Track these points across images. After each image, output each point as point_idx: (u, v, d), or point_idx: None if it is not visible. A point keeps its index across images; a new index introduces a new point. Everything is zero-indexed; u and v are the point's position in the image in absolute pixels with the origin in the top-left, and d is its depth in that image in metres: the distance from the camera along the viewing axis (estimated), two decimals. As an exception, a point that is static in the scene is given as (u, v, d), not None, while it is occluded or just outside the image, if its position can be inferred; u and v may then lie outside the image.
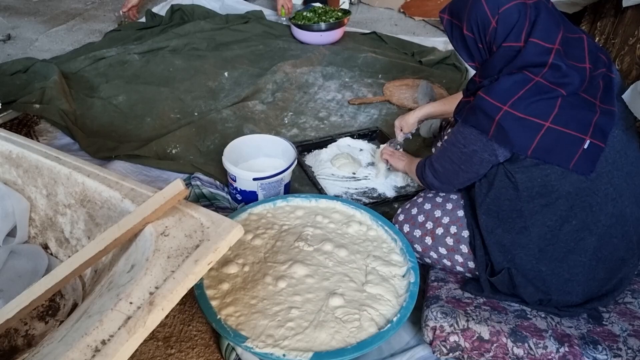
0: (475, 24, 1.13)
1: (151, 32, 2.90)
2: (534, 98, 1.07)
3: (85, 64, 2.48)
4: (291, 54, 2.69)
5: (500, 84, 1.10)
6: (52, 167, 1.24)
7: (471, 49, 1.18)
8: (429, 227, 1.35)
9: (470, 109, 1.16)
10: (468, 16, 1.13)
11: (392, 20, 3.33)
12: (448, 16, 1.20)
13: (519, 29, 1.09)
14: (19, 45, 2.84)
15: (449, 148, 1.25)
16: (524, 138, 1.09)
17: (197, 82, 2.38)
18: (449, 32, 1.22)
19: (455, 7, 1.18)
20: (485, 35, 1.13)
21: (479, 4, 1.12)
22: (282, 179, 1.62)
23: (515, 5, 1.09)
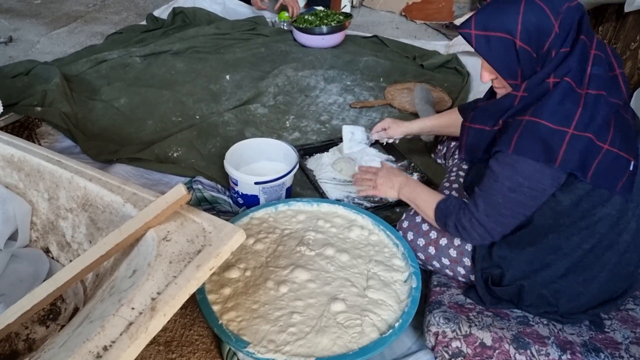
0: (535, 31, 0.99)
1: (153, 35, 2.90)
2: (591, 115, 0.99)
3: (86, 66, 2.48)
4: (293, 57, 2.70)
5: (552, 103, 1.00)
6: (54, 171, 1.24)
7: (522, 63, 1.03)
8: (432, 237, 1.34)
9: (525, 138, 1.01)
10: (523, 25, 0.99)
11: (394, 23, 3.33)
12: (481, 31, 1.02)
13: (574, 30, 1.01)
14: (21, 48, 2.85)
15: (505, 194, 1.06)
16: (587, 161, 1.00)
17: (199, 85, 2.38)
18: (484, 49, 1.03)
19: (494, 19, 1.01)
20: (544, 44, 1.00)
21: (538, 8, 0.99)
22: (283, 183, 1.62)
23: (569, 7, 1.00)
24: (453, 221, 1.17)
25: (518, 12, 0.99)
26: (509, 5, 1.01)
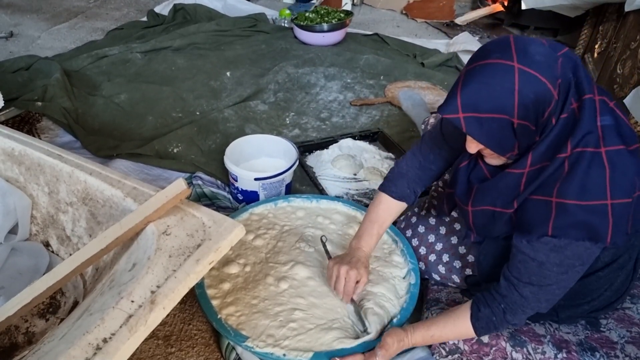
0: (533, 105, 0.88)
1: (153, 31, 2.91)
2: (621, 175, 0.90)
3: (87, 62, 2.48)
4: (293, 54, 2.70)
5: (578, 178, 0.89)
6: (55, 165, 1.24)
7: (519, 138, 0.92)
8: (422, 253, 1.35)
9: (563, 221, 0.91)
10: (521, 101, 0.87)
11: (395, 21, 3.33)
12: (470, 114, 0.90)
13: (572, 89, 0.91)
14: (21, 43, 2.85)
15: (556, 277, 0.96)
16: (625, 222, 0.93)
17: (199, 81, 2.38)
18: (477, 131, 0.91)
19: (484, 99, 0.88)
20: (543, 114, 0.90)
21: (533, 79, 0.86)
22: (283, 179, 1.62)
23: (562, 62, 0.90)
24: (505, 328, 1.05)
25: (513, 89, 0.87)
26: (497, 80, 0.87)
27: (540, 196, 0.94)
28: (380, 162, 1.90)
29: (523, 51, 0.87)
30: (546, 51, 0.89)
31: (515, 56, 0.87)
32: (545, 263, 0.95)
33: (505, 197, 1.00)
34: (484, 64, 0.89)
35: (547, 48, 0.90)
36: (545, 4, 2.33)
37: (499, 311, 1.02)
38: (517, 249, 0.98)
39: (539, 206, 0.94)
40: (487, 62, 0.89)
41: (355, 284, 1.18)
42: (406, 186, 1.25)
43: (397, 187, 1.25)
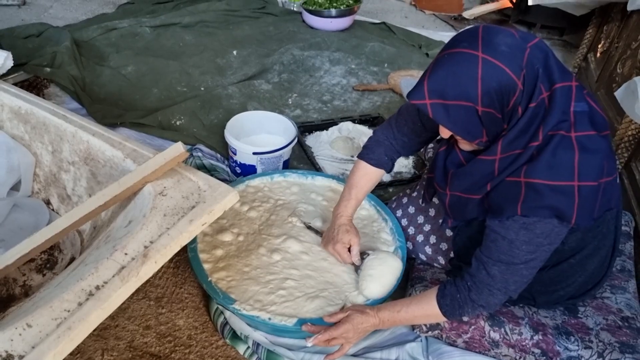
0: (497, 94, 0.91)
1: (164, 7, 2.93)
2: (590, 159, 0.93)
3: (97, 33, 2.51)
4: (300, 37, 2.72)
5: (545, 158, 0.93)
6: (59, 125, 1.28)
7: (485, 125, 0.95)
8: (410, 233, 1.39)
9: (532, 200, 0.94)
10: (484, 89, 0.90)
11: (403, 12, 3.35)
12: (437, 100, 0.93)
13: (541, 79, 0.93)
14: (33, 12, 2.88)
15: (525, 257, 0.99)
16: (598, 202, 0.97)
17: (206, 58, 2.41)
18: (443, 117, 0.94)
19: (449, 86, 0.91)
20: (508, 103, 0.93)
21: (497, 69, 0.89)
22: (281, 155, 1.66)
23: (530, 53, 0.92)
24: (470, 307, 1.06)
25: (476, 77, 0.89)
26: (463, 69, 0.90)
27: (511, 177, 0.97)
28: (378, 146, 1.93)
29: (488, 41, 0.90)
30: (513, 42, 0.91)
31: (480, 46, 0.90)
32: (514, 241, 0.97)
33: (479, 183, 1.03)
34: (452, 52, 0.93)
35: (516, 39, 0.92)
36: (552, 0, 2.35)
37: (464, 289, 1.05)
38: (489, 229, 1.02)
39: (509, 187, 0.98)
40: (455, 50, 0.92)
41: (348, 251, 1.26)
42: (383, 153, 1.30)
43: (374, 154, 1.30)
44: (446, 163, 1.13)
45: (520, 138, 0.95)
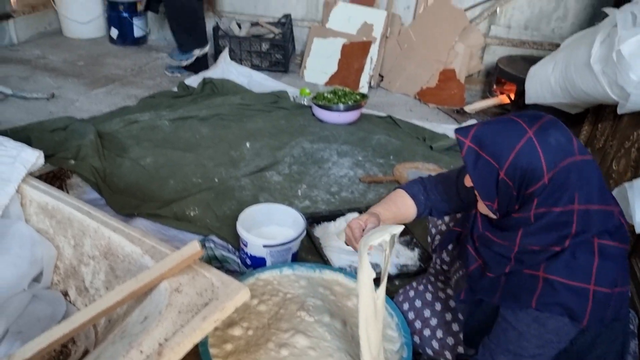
0: (522, 172, 0.96)
1: (182, 101, 3.12)
2: (607, 267, 0.98)
3: (119, 125, 2.67)
4: (310, 130, 2.87)
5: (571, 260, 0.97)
6: (83, 220, 1.37)
7: (500, 194, 1.01)
8: (417, 327, 1.43)
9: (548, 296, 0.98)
10: (514, 162, 0.97)
11: (408, 105, 3.53)
12: (475, 145, 1.01)
13: (573, 190, 0.96)
14: (61, 104, 3.08)
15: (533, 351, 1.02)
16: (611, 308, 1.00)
17: (221, 150, 2.55)
18: (471, 163, 1.02)
19: (490, 141, 1.00)
20: (527, 188, 0.98)
21: (534, 153, 0.95)
22: (290, 248, 1.72)
23: (575, 163, 0.96)
24: None
25: (514, 147, 0.96)
26: (510, 135, 0.98)
27: (529, 270, 1.02)
28: (384, 237, 1.99)
29: (544, 129, 0.98)
30: (565, 144, 0.98)
31: (535, 127, 0.98)
32: (524, 333, 1.01)
33: (496, 262, 1.07)
34: (513, 119, 1.02)
35: (571, 145, 0.98)
36: (547, 100, 2.50)
37: None
38: (501, 317, 1.05)
39: (527, 279, 1.02)
40: (515, 119, 1.01)
41: (361, 231, 1.26)
42: (421, 192, 1.36)
43: (412, 189, 1.36)
44: (473, 229, 1.18)
45: (541, 237, 0.99)
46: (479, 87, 3.84)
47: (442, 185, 1.36)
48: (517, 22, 3.70)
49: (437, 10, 3.64)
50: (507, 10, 3.68)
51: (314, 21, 4.05)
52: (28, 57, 3.81)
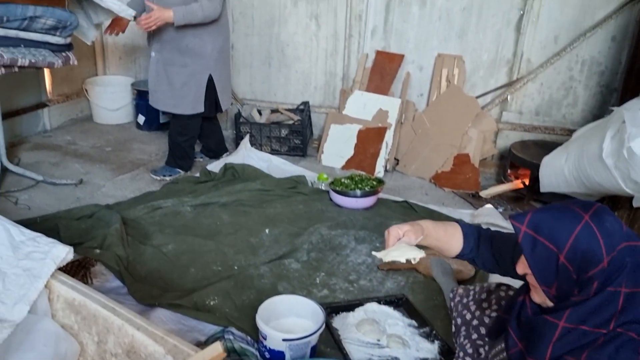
0: (582, 255, 1.01)
1: (204, 187, 3.23)
2: None
3: (143, 212, 2.76)
4: (328, 215, 2.93)
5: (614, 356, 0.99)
6: (108, 317, 1.40)
7: (559, 279, 1.05)
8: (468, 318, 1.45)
9: None
10: (573, 245, 1.02)
11: (423, 189, 3.59)
12: (532, 231, 1.07)
13: (626, 273, 1.01)
14: (88, 190, 3.20)
15: None
16: None
17: (240, 237, 2.60)
18: (528, 249, 1.07)
19: (548, 226, 1.05)
20: (587, 271, 1.02)
21: (593, 237, 1.01)
22: (309, 342, 1.72)
23: (629, 247, 1.02)
24: None
25: (573, 231, 1.01)
26: (567, 220, 1.04)
27: (571, 357, 1.03)
28: (403, 329, 1.99)
29: (599, 214, 1.04)
30: (619, 229, 1.04)
31: (590, 213, 1.04)
32: None
33: (539, 343, 1.08)
34: (566, 205, 1.08)
35: (622, 231, 1.04)
36: (561, 189, 2.54)
37: None
38: None
39: None
40: (568, 206, 1.08)
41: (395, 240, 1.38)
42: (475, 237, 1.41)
43: (468, 229, 1.42)
44: (520, 314, 1.20)
45: (590, 317, 1.02)
46: (493, 170, 3.91)
47: (498, 243, 1.40)
48: (528, 108, 3.82)
49: (449, 97, 3.79)
50: (518, 97, 3.81)
51: (331, 107, 4.23)
52: (59, 142, 4.01)
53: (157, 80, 3.31)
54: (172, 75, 3.24)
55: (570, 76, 3.66)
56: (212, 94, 3.35)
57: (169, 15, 2.95)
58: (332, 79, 4.20)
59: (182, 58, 3.19)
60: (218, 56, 3.30)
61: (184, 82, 3.24)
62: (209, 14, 3.04)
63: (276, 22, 4.13)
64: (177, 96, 3.28)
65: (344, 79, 4.15)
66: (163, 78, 3.27)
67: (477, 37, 3.76)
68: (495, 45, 3.76)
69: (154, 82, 3.34)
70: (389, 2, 3.87)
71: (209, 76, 3.28)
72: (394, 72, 3.95)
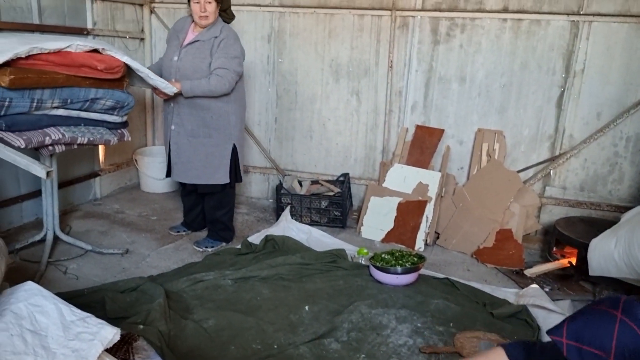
0: (631, 353, 1.02)
1: (245, 259, 3.27)
2: None
3: (185, 284, 2.81)
4: (368, 292, 2.90)
5: None
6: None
7: None
8: None
9: None
10: (618, 345, 1.03)
11: (465, 264, 3.53)
12: (574, 342, 1.08)
13: None
14: (133, 260, 3.29)
15: None
16: None
17: (280, 313, 2.60)
18: (575, 357, 1.07)
19: (586, 333, 1.07)
20: None
21: (634, 332, 1.02)
22: None
23: None
24: None
25: (612, 331, 1.03)
26: (602, 322, 1.05)
27: None
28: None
29: (629, 308, 1.05)
30: None
31: (620, 309, 1.05)
32: None
33: None
34: (594, 307, 1.09)
35: None
36: (612, 274, 2.45)
37: None
38: None
39: None
40: (597, 307, 1.09)
41: None
42: None
43: (514, 351, 1.35)
44: None
45: None
46: (537, 246, 3.81)
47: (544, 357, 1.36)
48: (572, 183, 3.77)
49: (490, 171, 3.79)
50: (561, 172, 3.78)
51: (370, 179, 4.28)
52: (108, 211, 4.18)
53: (178, 152, 3.38)
54: (197, 147, 3.34)
55: (615, 152, 3.62)
56: (233, 164, 3.45)
57: (178, 87, 3.14)
58: (372, 151, 4.28)
59: (207, 129, 3.31)
60: (240, 126, 3.45)
61: (209, 153, 3.35)
62: (215, 89, 3.17)
63: (318, 98, 4.29)
64: (201, 167, 3.36)
65: (384, 151, 4.22)
66: (185, 150, 3.35)
67: (518, 113, 3.80)
68: (536, 121, 3.77)
69: (175, 155, 3.40)
70: (428, 79, 3.98)
71: (233, 146, 3.40)
72: (433, 146, 4.00)
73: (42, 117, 2.72)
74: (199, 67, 3.21)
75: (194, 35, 3.29)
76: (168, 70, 3.28)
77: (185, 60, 3.23)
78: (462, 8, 3.79)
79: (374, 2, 3.98)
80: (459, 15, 3.79)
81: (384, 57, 4.04)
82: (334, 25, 4.11)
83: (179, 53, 3.26)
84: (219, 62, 3.18)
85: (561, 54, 3.62)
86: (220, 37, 3.22)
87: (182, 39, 3.30)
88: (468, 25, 3.79)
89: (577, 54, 3.57)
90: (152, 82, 3.02)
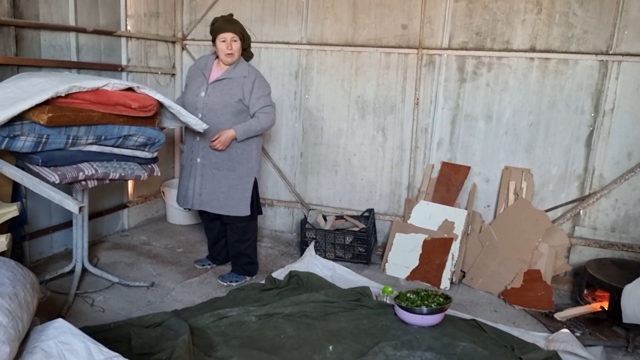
0: None
1: (269, 294, 3.26)
2: None
3: (209, 320, 2.81)
4: (393, 333, 2.85)
5: None
6: None
7: None
8: None
9: None
10: None
11: (492, 305, 3.45)
12: None
13: None
14: (158, 293, 3.32)
15: None
16: None
17: (304, 353, 2.57)
18: None
19: None
20: None
21: None
22: None
23: None
24: None
25: None
26: None
27: None
28: None
29: None
30: None
31: None
32: None
33: None
34: None
35: None
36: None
37: None
38: None
39: None
40: None
41: None
42: None
43: None
44: None
45: None
46: (567, 287, 3.72)
47: None
48: (602, 224, 3.69)
49: (518, 210, 3.74)
50: (591, 212, 3.71)
51: (395, 215, 4.26)
52: (135, 242, 4.24)
53: (202, 184, 3.47)
54: (220, 179, 3.44)
55: (647, 193, 3.55)
56: (255, 197, 3.52)
57: (232, 134, 3.31)
58: (397, 187, 4.27)
59: (230, 163, 3.42)
60: (260, 159, 3.57)
61: (232, 186, 3.44)
62: (266, 125, 3.43)
63: (344, 133, 4.33)
64: (224, 199, 3.44)
65: (409, 188, 4.21)
66: (209, 181, 3.45)
67: (546, 151, 3.77)
68: (564, 160, 3.73)
69: (199, 186, 3.48)
70: (455, 116, 3.99)
71: (254, 179, 3.48)
72: (459, 183, 3.97)
73: (76, 153, 2.81)
74: (227, 102, 3.31)
75: (220, 73, 3.39)
76: (193, 105, 3.38)
77: (213, 96, 3.33)
78: (488, 47, 3.81)
79: (401, 40, 4.04)
80: (486, 54, 3.82)
81: (410, 94, 4.07)
82: (361, 63, 4.18)
83: (206, 89, 3.36)
84: (261, 101, 3.37)
85: (590, 93, 3.60)
86: (250, 77, 3.33)
87: (207, 76, 3.40)
88: (495, 63, 3.81)
89: (606, 94, 3.55)
90: (184, 118, 3.09)
